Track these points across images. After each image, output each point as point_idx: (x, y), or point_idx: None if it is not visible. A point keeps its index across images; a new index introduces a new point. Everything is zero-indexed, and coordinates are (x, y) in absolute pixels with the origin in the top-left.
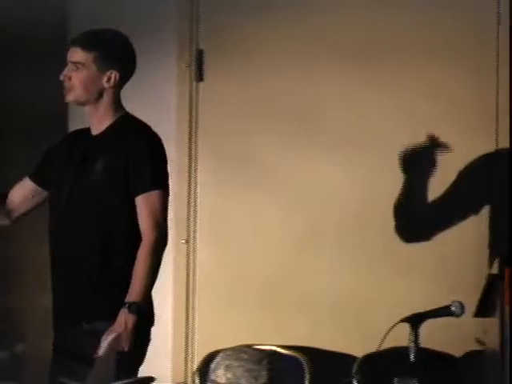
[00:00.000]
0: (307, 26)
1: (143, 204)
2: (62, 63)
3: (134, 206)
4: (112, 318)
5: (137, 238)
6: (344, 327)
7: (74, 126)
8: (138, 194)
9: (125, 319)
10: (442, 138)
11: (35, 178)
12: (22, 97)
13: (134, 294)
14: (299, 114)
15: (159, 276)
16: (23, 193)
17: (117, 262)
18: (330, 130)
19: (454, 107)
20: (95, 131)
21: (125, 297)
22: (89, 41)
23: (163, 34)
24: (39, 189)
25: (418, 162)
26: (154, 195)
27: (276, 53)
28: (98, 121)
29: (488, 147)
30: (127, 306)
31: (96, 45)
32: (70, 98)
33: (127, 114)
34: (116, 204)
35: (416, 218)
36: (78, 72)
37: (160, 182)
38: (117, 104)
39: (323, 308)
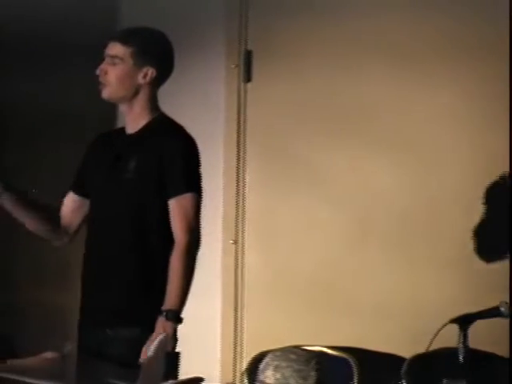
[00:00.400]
0: (354, 28)
1: (176, 207)
2: None
3: (167, 207)
4: (140, 323)
5: (170, 240)
6: (391, 328)
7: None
8: (171, 197)
9: (163, 327)
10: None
11: (75, 189)
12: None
13: (170, 301)
14: (346, 114)
15: (208, 276)
16: (71, 207)
17: (150, 263)
18: (376, 130)
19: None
20: (130, 130)
21: (156, 301)
22: (128, 36)
23: (212, 34)
24: (82, 199)
25: (501, 194)
26: (187, 198)
27: (324, 54)
28: (134, 119)
29: None
30: (164, 314)
31: (134, 40)
32: (105, 94)
33: (163, 114)
34: (149, 204)
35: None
36: (115, 67)
37: (193, 184)
38: (153, 103)
39: (370, 308)
